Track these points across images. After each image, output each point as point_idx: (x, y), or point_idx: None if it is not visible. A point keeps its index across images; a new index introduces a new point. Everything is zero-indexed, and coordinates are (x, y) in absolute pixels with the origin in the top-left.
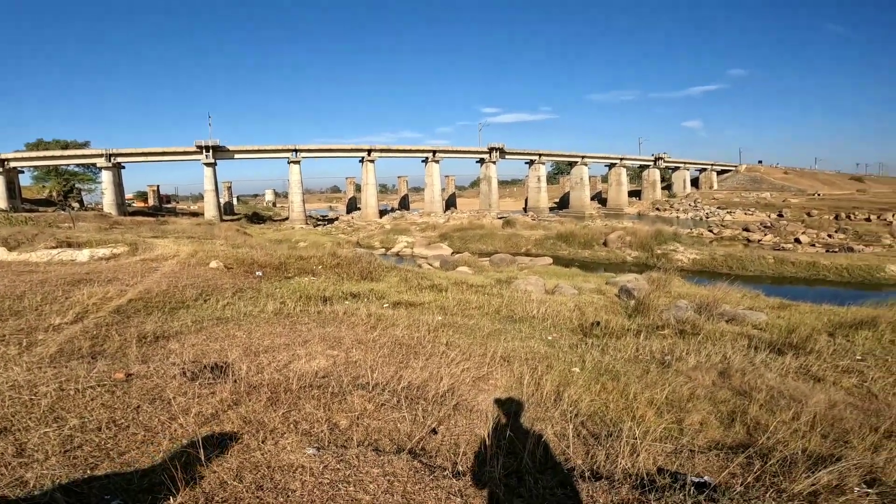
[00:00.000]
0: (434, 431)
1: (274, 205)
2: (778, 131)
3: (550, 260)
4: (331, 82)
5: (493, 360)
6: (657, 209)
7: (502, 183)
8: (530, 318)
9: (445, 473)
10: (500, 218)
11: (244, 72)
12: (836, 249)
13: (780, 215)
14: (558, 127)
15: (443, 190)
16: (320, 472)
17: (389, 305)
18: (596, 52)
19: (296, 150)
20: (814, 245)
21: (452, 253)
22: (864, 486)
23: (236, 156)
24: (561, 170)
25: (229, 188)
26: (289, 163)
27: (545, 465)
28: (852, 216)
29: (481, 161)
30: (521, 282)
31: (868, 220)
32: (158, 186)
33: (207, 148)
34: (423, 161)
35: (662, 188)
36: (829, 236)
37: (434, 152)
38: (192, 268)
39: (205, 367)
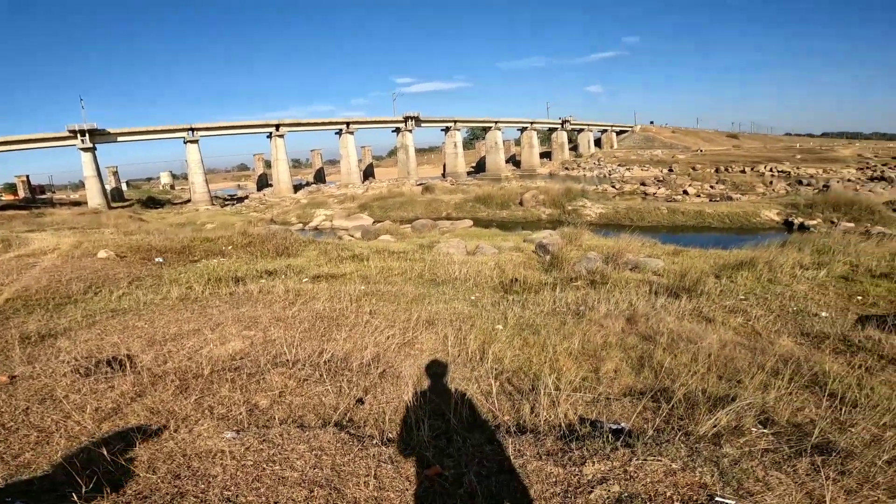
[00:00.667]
0: (360, 401)
1: (172, 187)
2: (666, 94)
3: (471, 222)
4: (234, 58)
5: (417, 324)
6: (566, 168)
7: (420, 151)
8: (453, 280)
9: (374, 442)
10: (420, 184)
11: (130, 51)
12: (718, 199)
13: (671, 170)
14: (473, 94)
15: (360, 161)
16: (242, 454)
17: (309, 280)
18: (506, 20)
19: (192, 129)
20: (699, 196)
21: (374, 222)
22: (760, 426)
23: (119, 139)
24: (476, 135)
25: (115, 173)
26: (185, 142)
27: (473, 424)
28: (730, 169)
29: (397, 130)
30: (443, 245)
31: (743, 171)
32: (28, 176)
33: (83, 132)
34: (336, 133)
35: (570, 149)
36: (712, 187)
37: (348, 124)
38: (77, 260)
39: (100, 362)
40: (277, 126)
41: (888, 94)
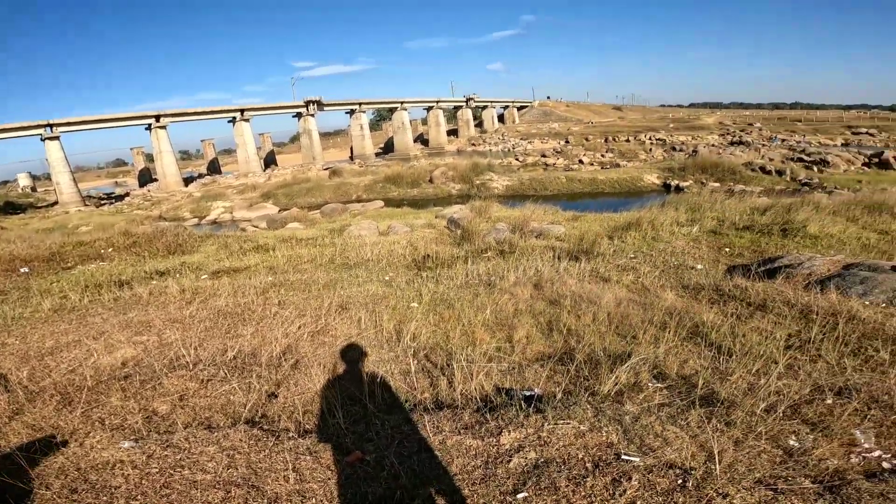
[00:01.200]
0: (273, 396)
1: (34, 189)
2: (560, 70)
3: (382, 203)
4: (108, 45)
5: (330, 311)
6: (473, 145)
7: (325, 135)
8: (366, 262)
9: (290, 435)
10: (327, 169)
11: None
12: (609, 166)
13: (567, 142)
14: (378, 76)
15: (259, 149)
16: (145, 462)
17: (208, 276)
18: (412, 2)
19: (50, 125)
20: (592, 164)
21: (279, 210)
22: (655, 380)
23: None
24: (383, 116)
25: None
26: (43, 139)
27: (391, 405)
28: (617, 139)
29: (298, 115)
30: (354, 228)
31: (628, 140)
32: None
33: None
34: (230, 122)
35: (475, 125)
36: (603, 156)
37: (242, 111)
38: None
39: None
40: (157, 117)
41: (744, 69)
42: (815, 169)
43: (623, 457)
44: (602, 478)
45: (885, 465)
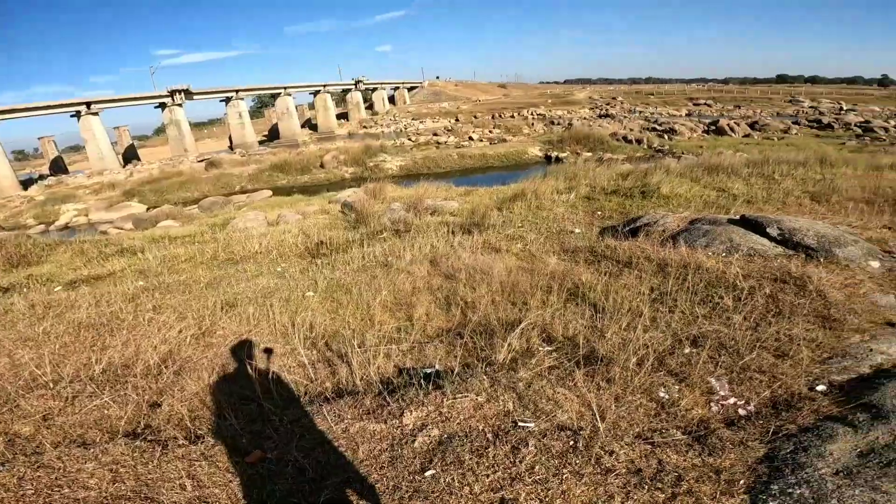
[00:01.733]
0: (156, 405)
1: None
2: (448, 50)
3: (270, 192)
4: None
5: (215, 310)
6: (364, 127)
7: (197, 125)
8: (255, 254)
9: (180, 443)
10: (203, 160)
11: None
12: (496, 142)
13: (457, 120)
14: (261, 61)
15: (114, 143)
16: (17, 485)
17: (63, 287)
18: None
19: None
20: (482, 140)
21: (148, 209)
22: (545, 344)
23: None
24: (265, 103)
25: None
26: None
27: (290, 400)
28: (503, 115)
29: (162, 106)
30: (239, 220)
31: (513, 116)
32: None
33: None
34: (73, 116)
35: (366, 108)
36: (491, 132)
37: (89, 104)
38: None
39: None
40: None
41: (609, 48)
42: (666, 137)
43: (520, 424)
44: (502, 446)
45: (741, 412)
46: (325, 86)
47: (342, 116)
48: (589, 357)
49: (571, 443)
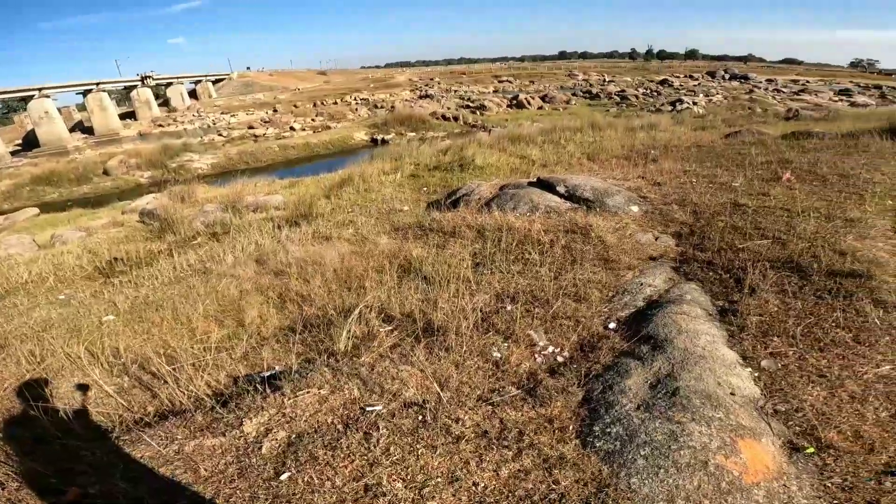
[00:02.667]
0: None
1: None
2: (259, 38)
3: (37, 210)
4: None
5: None
6: (160, 126)
7: None
8: (24, 284)
9: None
10: None
11: None
12: (320, 129)
13: (275, 110)
14: (9, 63)
15: None
16: None
17: None
18: None
19: None
20: (304, 129)
21: None
22: (385, 324)
23: None
24: (13, 108)
25: None
26: None
27: (102, 431)
28: (325, 102)
29: None
30: None
31: (336, 103)
32: None
33: None
34: None
35: (160, 105)
36: (313, 120)
37: None
38: None
39: None
40: None
41: (425, 31)
42: (478, 113)
43: (367, 409)
44: (355, 434)
45: (559, 359)
46: (98, 84)
47: (129, 116)
48: (427, 329)
49: (420, 417)
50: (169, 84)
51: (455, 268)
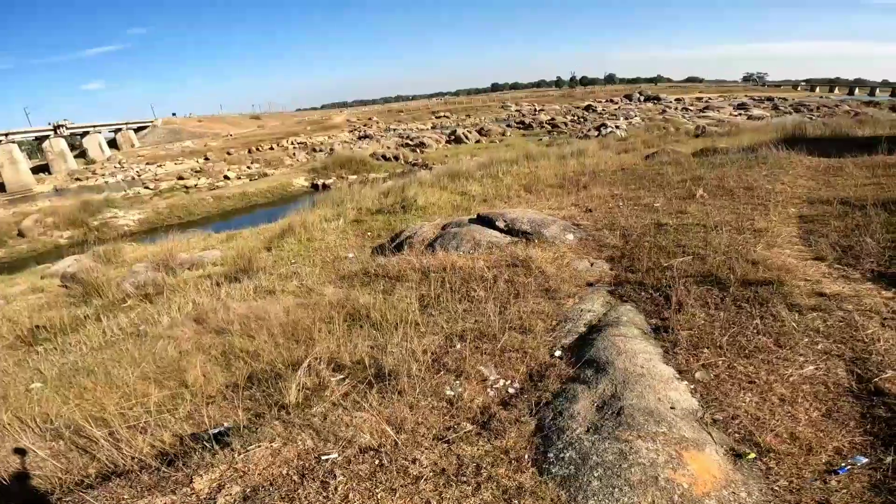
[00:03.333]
0: None
1: None
2: (186, 83)
3: None
4: None
5: None
6: (78, 180)
7: None
8: None
9: None
10: None
11: None
12: (257, 177)
13: (207, 159)
14: None
15: None
16: None
17: None
18: None
19: None
20: (240, 178)
21: None
22: (335, 373)
23: None
24: None
25: None
26: None
27: (40, 494)
28: (260, 148)
29: None
30: None
31: (272, 148)
32: None
33: None
34: None
35: (77, 156)
36: (248, 167)
37: None
38: None
39: None
40: None
41: (362, 69)
42: (418, 151)
43: (323, 457)
44: (311, 484)
45: (511, 390)
46: (7, 134)
47: (43, 169)
48: (378, 375)
49: (377, 461)
50: (85, 133)
51: (403, 312)
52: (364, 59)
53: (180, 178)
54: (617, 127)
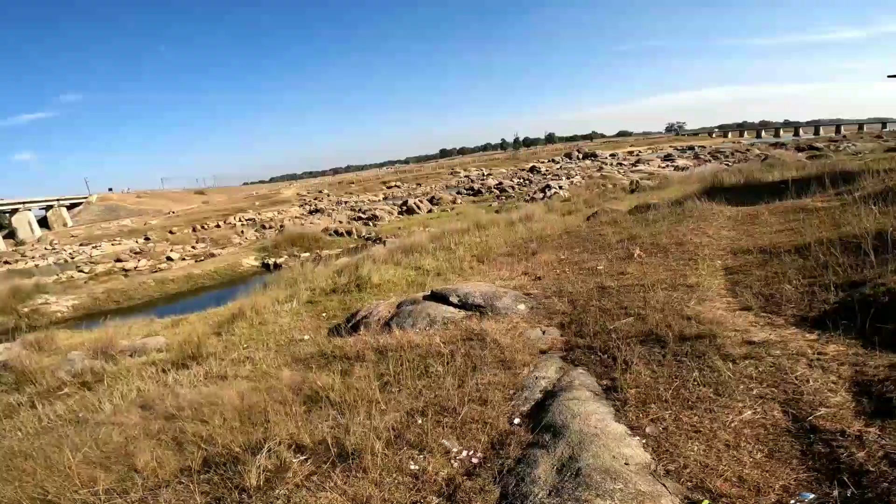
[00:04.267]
0: None
1: None
2: (124, 156)
3: None
4: None
5: None
6: (7, 263)
7: None
8: None
9: None
10: None
11: None
12: (203, 258)
13: (147, 238)
14: None
15: None
16: None
17: None
18: None
19: None
20: (185, 259)
21: None
22: (298, 454)
23: None
24: None
25: None
26: None
27: None
28: (206, 226)
29: None
30: None
31: (218, 226)
32: None
33: None
34: None
35: (6, 237)
36: (193, 247)
37: None
38: None
39: None
40: None
41: (311, 140)
42: (371, 224)
43: None
44: None
45: (474, 460)
46: None
47: None
48: (341, 454)
49: None
50: (14, 211)
51: (363, 391)
52: (313, 129)
53: (118, 260)
54: (560, 187)
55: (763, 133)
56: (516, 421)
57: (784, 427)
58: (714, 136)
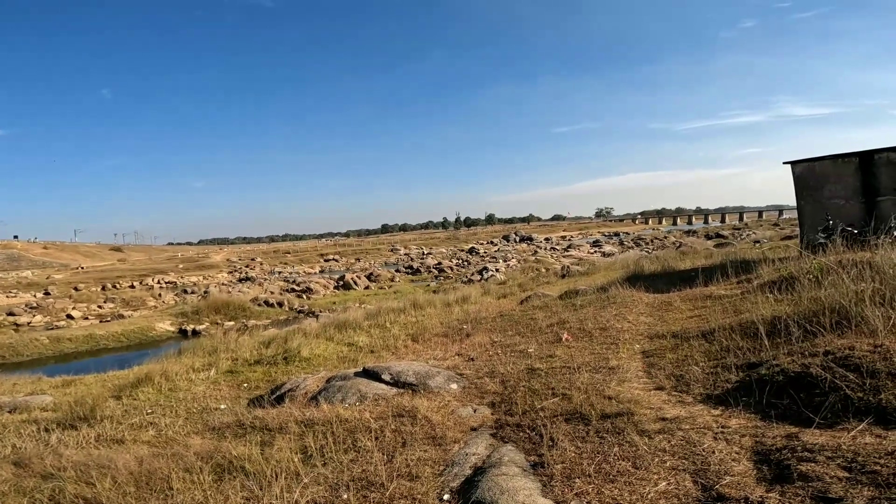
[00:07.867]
0: None
1: None
2: (34, 202)
3: None
4: None
5: None
6: None
7: None
8: None
9: None
10: None
11: None
12: (110, 318)
13: (47, 293)
14: None
15: None
16: None
17: None
18: None
19: None
20: (87, 318)
21: None
22: None
23: None
24: None
25: None
26: None
27: None
28: (118, 285)
29: None
30: None
31: (133, 286)
32: None
33: None
34: None
35: None
36: (100, 307)
37: None
38: None
39: None
40: None
41: (247, 207)
42: (305, 297)
43: None
44: None
45: None
46: None
47: None
48: None
49: None
50: None
51: (284, 462)
52: (251, 192)
53: (10, 313)
54: (497, 270)
55: (678, 220)
56: (446, 497)
57: (695, 496)
58: (637, 221)
